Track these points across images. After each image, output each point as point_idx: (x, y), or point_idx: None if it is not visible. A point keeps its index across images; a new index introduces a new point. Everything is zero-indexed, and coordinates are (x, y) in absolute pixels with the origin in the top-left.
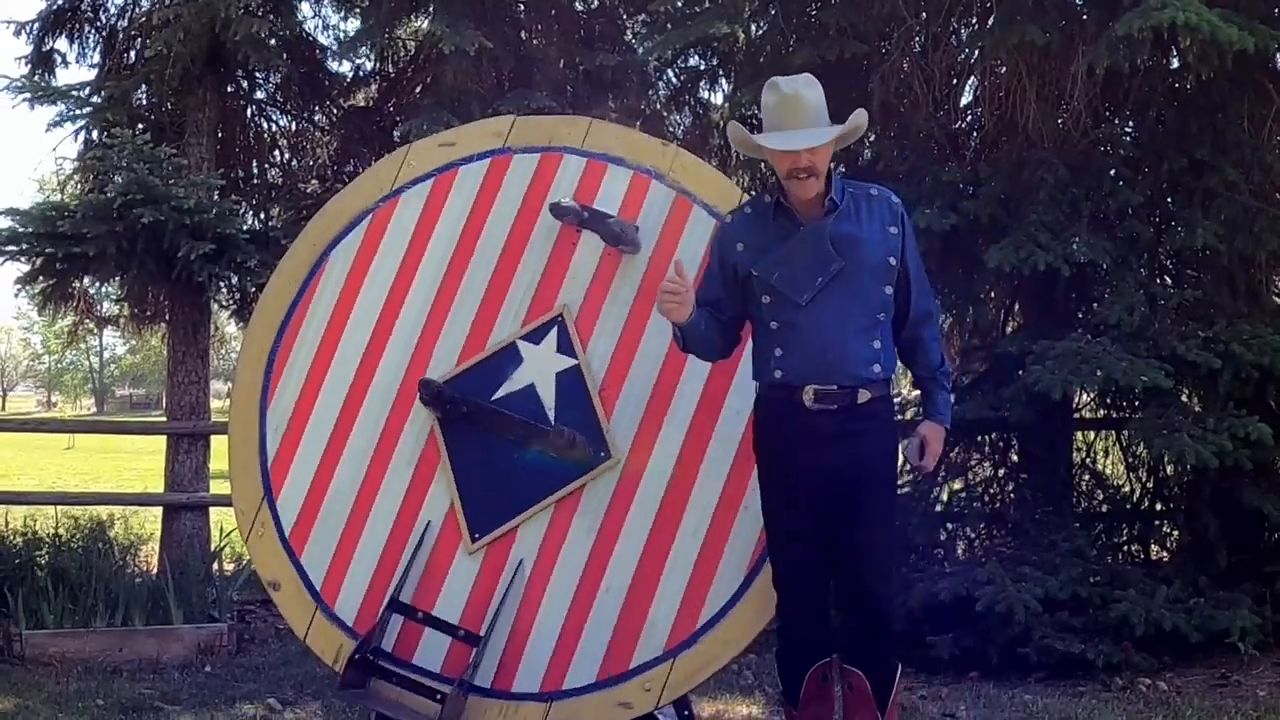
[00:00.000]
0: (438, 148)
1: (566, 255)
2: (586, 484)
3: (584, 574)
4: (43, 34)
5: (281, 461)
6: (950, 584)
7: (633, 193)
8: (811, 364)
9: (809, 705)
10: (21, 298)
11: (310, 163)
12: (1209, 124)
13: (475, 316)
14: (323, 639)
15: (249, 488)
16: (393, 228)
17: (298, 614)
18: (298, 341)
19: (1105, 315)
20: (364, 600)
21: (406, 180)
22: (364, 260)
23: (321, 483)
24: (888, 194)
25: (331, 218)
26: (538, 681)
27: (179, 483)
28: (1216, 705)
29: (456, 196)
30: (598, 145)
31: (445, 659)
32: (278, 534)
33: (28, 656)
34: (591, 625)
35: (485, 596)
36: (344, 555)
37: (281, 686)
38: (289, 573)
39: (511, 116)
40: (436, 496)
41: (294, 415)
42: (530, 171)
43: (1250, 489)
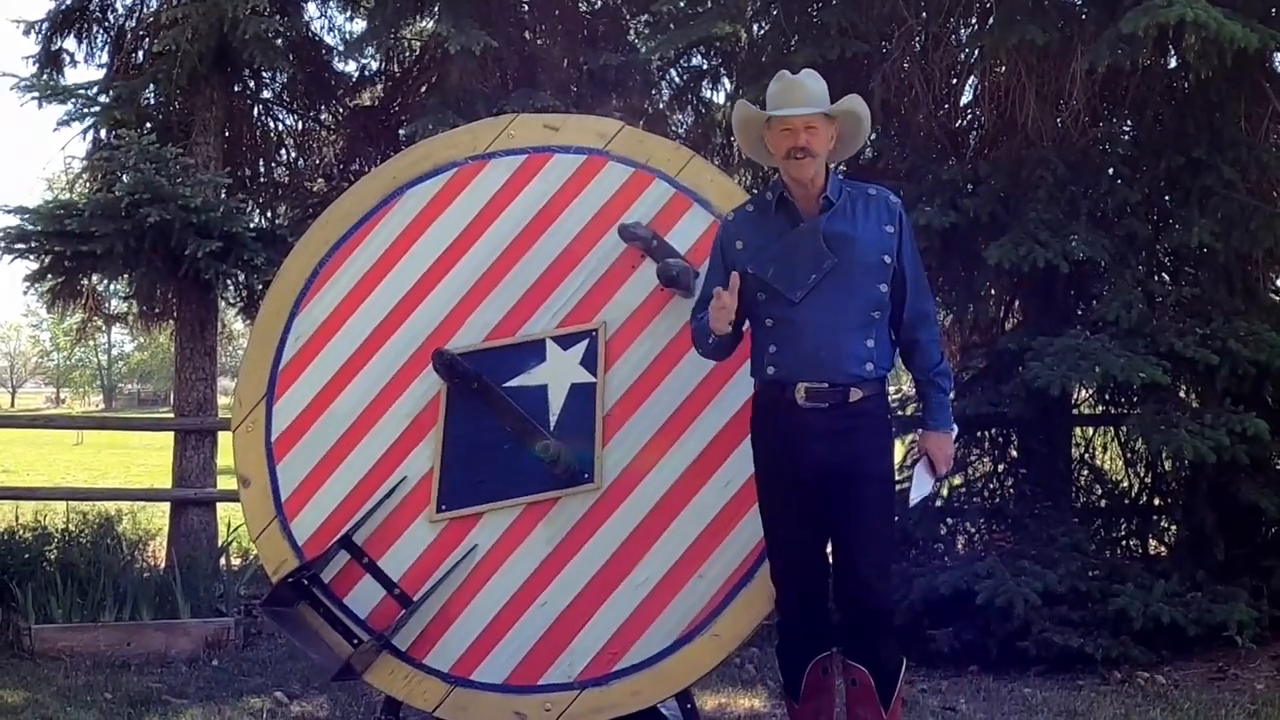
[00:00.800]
0: (542, 127)
1: (623, 275)
2: (562, 498)
3: (528, 580)
4: (51, 34)
5: (292, 369)
6: (950, 578)
7: (706, 238)
8: (804, 361)
9: (810, 698)
10: (30, 295)
11: (316, 162)
12: (1206, 123)
13: (516, 302)
14: (271, 549)
15: (254, 383)
16: (474, 187)
17: (257, 517)
18: (347, 263)
19: (1104, 312)
20: (320, 527)
21: (502, 148)
22: (436, 208)
23: (321, 403)
24: (886, 194)
25: (418, 158)
26: (449, 662)
27: (186, 478)
28: (1214, 698)
29: (542, 180)
30: (691, 180)
31: (373, 611)
32: (265, 434)
33: (37, 650)
34: (517, 630)
35: (430, 566)
36: (317, 478)
37: (288, 680)
38: (263, 475)
39: (620, 123)
40: (420, 456)
41: (319, 330)
42: (619, 182)
43: (1247, 484)
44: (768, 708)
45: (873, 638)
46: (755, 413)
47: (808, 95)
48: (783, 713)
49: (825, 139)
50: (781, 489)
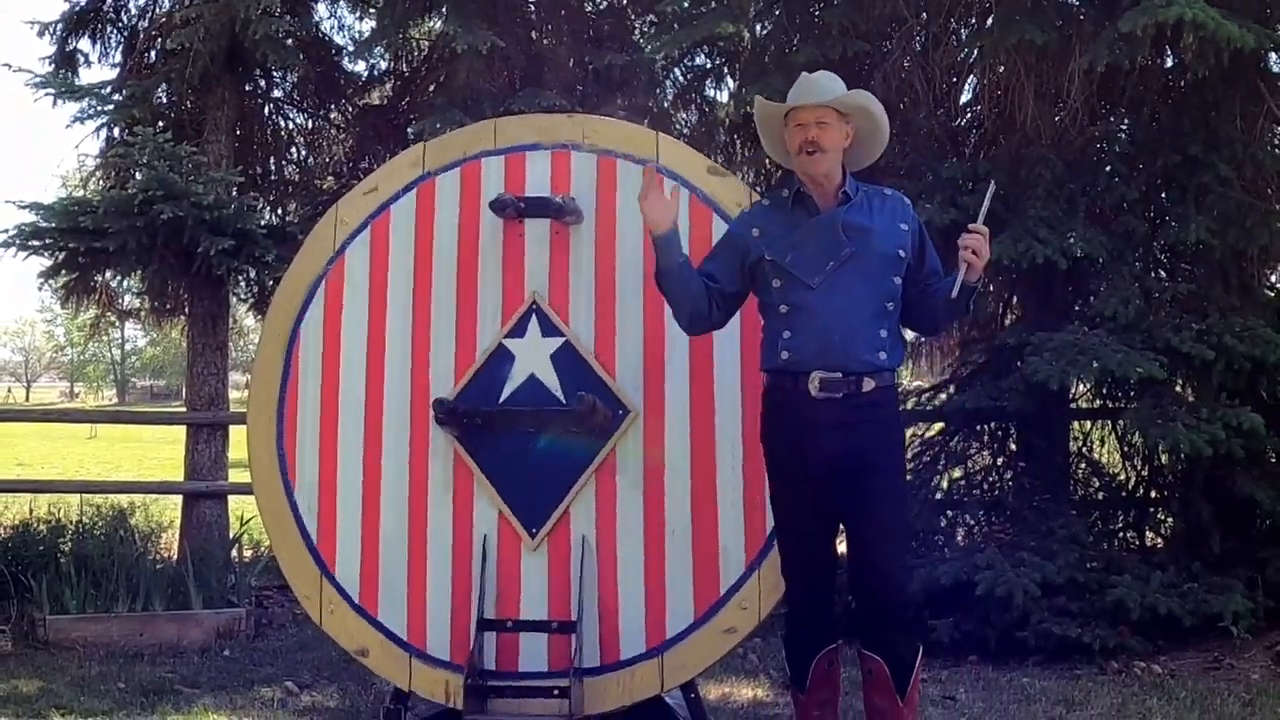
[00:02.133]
0: (363, 197)
1: (518, 247)
2: (615, 445)
3: (646, 526)
4: (66, 34)
5: (325, 536)
6: (950, 569)
7: (557, 169)
8: (819, 345)
9: (816, 690)
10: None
11: (326, 160)
12: (1202, 121)
13: (456, 333)
14: (427, 683)
15: (305, 571)
16: (348, 286)
17: (394, 670)
18: (299, 420)
19: (1101, 308)
20: (452, 632)
21: (345, 237)
22: (333, 324)
23: (370, 540)
24: (901, 196)
25: (292, 290)
26: (642, 642)
27: (198, 471)
28: (1209, 688)
29: (396, 234)
30: (509, 139)
31: (549, 655)
32: (349, 604)
33: (51, 641)
34: (671, 570)
35: (564, 583)
36: (417, 598)
37: (299, 670)
38: (373, 636)
39: (423, 144)
40: (483, 510)
41: (320, 489)
42: (456, 186)
43: (1243, 477)
44: (770, 697)
45: (888, 629)
46: (766, 407)
47: (820, 91)
48: (785, 702)
49: (838, 135)
50: (792, 482)
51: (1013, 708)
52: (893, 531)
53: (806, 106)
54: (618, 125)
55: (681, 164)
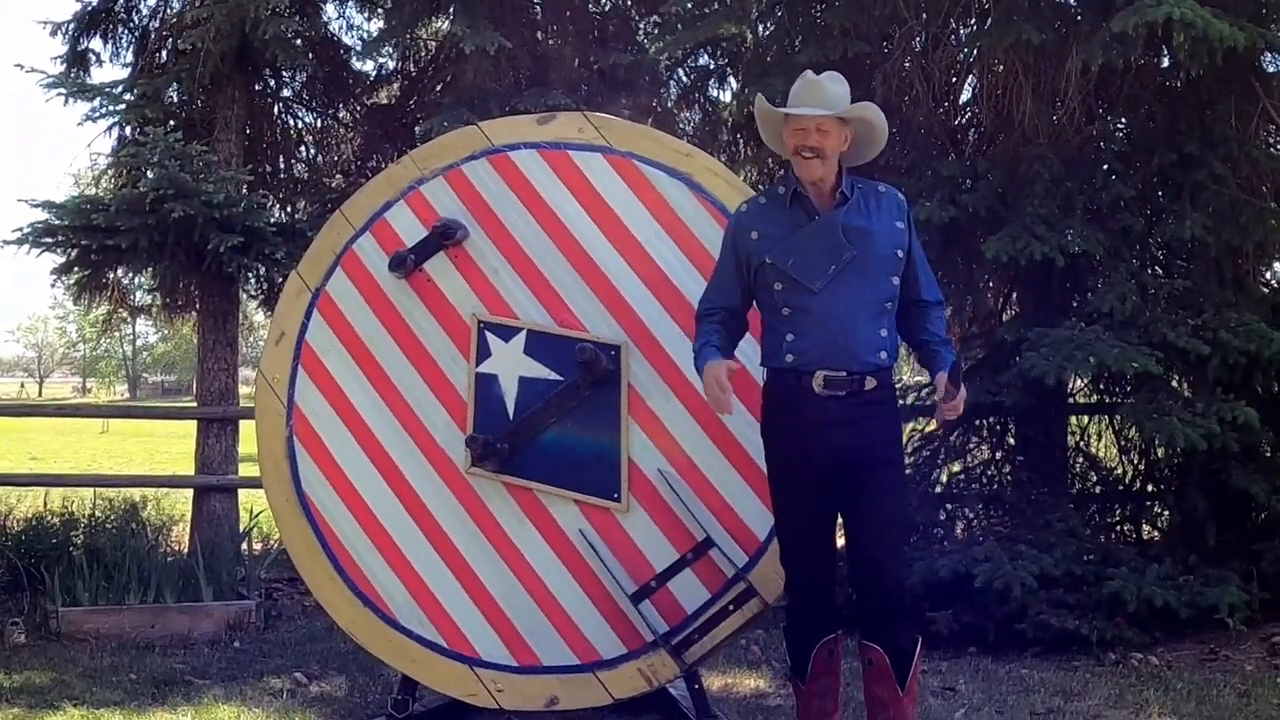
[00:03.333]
0: (275, 347)
1: (433, 290)
2: (630, 380)
3: (704, 427)
4: (78, 34)
5: (451, 635)
6: (949, 562)
7: (419, 209)
8: (823, 348)
9: (816, 679)
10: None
11: (335, 158)
12: (1198, 120)
13: (431, 389)
14: (625, 683)
15: (452, 674)
16: (313, 418)
17: (592, 696)
18: (349, 549)
19: (1098, 304)
20: (615, 630)
21: (285, 388)
22: (319, 451)
23: (490, 608)
24: (894, 191)
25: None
26: (768, 517)
27: (209, 465)
28: (1205, 679)
29: (329, 357)
30: (362, 214)
31: (705, 583)
32: (513, 673)
33: (64, 633)
34: (751, 446)
35: (672, 520)
36: (566, 626)
37: (308, 661)
38: (553, 683)
39: (295, 270)
40: (563, 511)
41: (416, 599)
42: (347, 282)
43: (1238, 471)
44: (772, 688)
45: (888, 620)
46: (767, 402)
47: (823, 96)
48: (787, 693)
49: (836, 141)
50: (794, 476)
51: (1011, 698)
52: (892, 525)
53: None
54: (441, 143)
55: (513, 134)
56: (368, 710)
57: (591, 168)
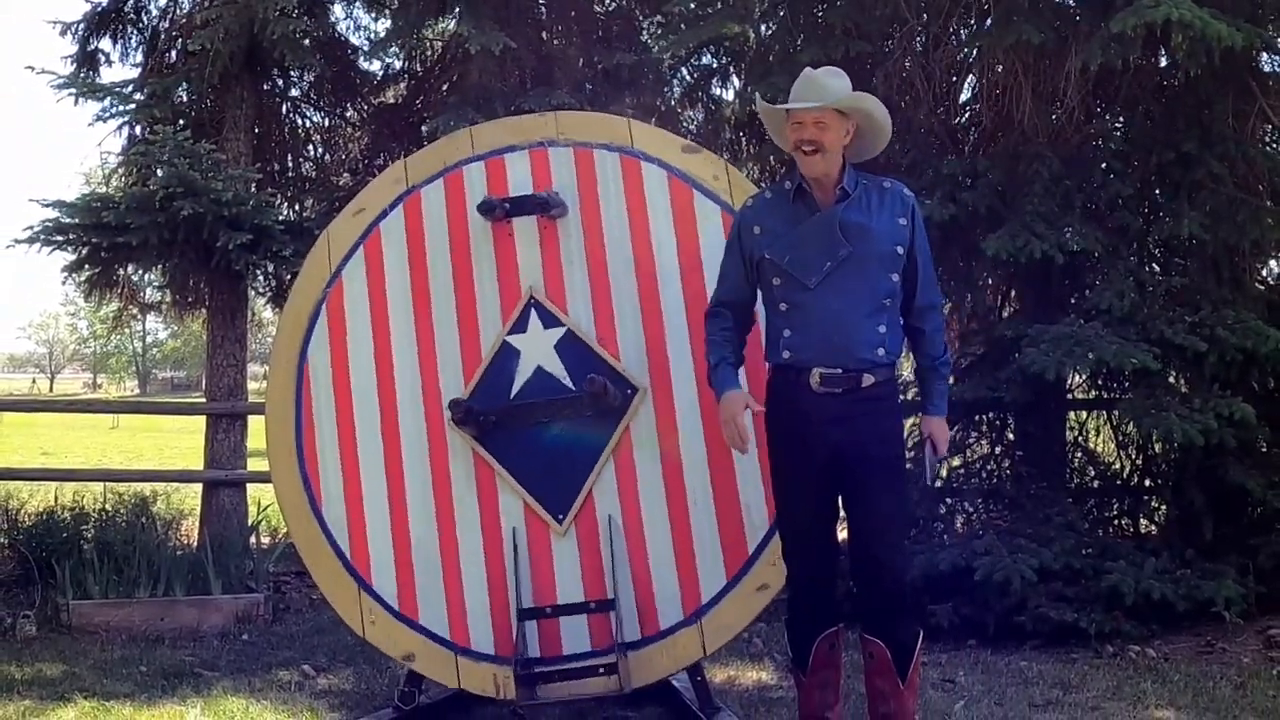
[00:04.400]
0: (352, 218)
1: (509, 246)
2: (629, 423)
3: (668, 498)
4: (87, 34)
5: (358, 552)
6: (949, 556)
7: (537, 166)
8: (818, 345)
9: (817, 671)
10: (69, 285)
11: (342, 157)
12: (1195, 120)
13: (460, 337)
14: (476, 678)
15: (343, 588)
16: (349, 306)
17: (442, 670)
18: (317, 440)
19: (1097, 301)
20: (494, 626)
21: (339, 259)
22: (339, 345)
23: (403, 549)
24: (900, 187)
25: (295, 320)
26: (680, 610)
27: (218, 460)
28: (1202, 671)
29: (389, 251)
30: (486, 144)
31: (592, 635)
32: (389, 613)
33: (74, 626)
34: (698, 537)
35: (596, 563)
36: (455, 598)
37: (315, 654)
38: (417, 640)
39: (402, 160)
40: (508, 504)
41: (348, 506)
42: (441, 197)
43: (1235, 466)
44: (774, 680)
45: (888, 614)
46: (769, 396)
47: (820, 90)
48: (789, 685)
49: (837, 135)
50: (793, 471)
51: (1011, 690)
52: (891, 521)
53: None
54: (590, 117)
55: (657, 147)
56: (374, 702)
57: (707, 217)
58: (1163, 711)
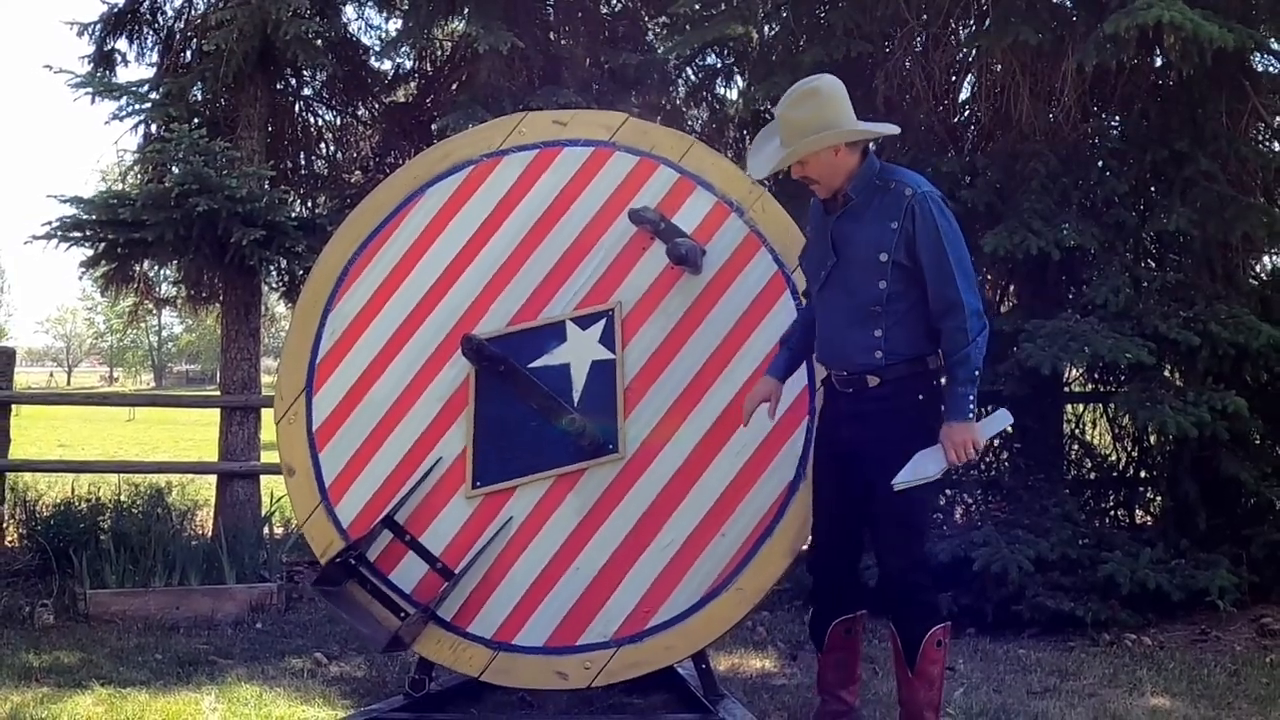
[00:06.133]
0: (550, 123)
1: (634, 257)
2: (589, 469)
3: (561, 547)
4: (104, 35)
5: (329, 362)
6: (949, 546)
7: (711, 219)
8: (826, 350)
9: (832, 652)
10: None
11: (354, 155)
12: (1189, 118)
13: (536, 287)
14: (318, 532)
15: (293, 377)
16: (490, 183)
17: (303, 503)
18: (375, 259)
19: (1093, 296)
20: (363, 509)
21: (514, 145)
22: (455, 204)
23: (358, 392)
24: (906, 186)
25: (437, 159)
26: (492, 629)
27: (232, 452)
28: (1196, 658)
29: (554, 173)
30: (693, 165)
31: (418, 584)
32: (306, 425)
33: (91, 614)
34: (554, 595)
35: (469, 539)
36: (358, 463)
37: (327, 642)
38: (305, 463)
39: (625, 115)
40: (454, 437)
41: (351, 324)
42: (626, 171)
43: (1228, 457)
44: (778, 668)
45: (895, 605)
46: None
47: (785, 132)
48: (792, 672)
49: (819, 164)
50: (816, 462)
51: (1009, 678)
52: (898, 519)
53: None
54: (785, 219)
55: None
56: (386, 690)
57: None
58: (1158, 698)
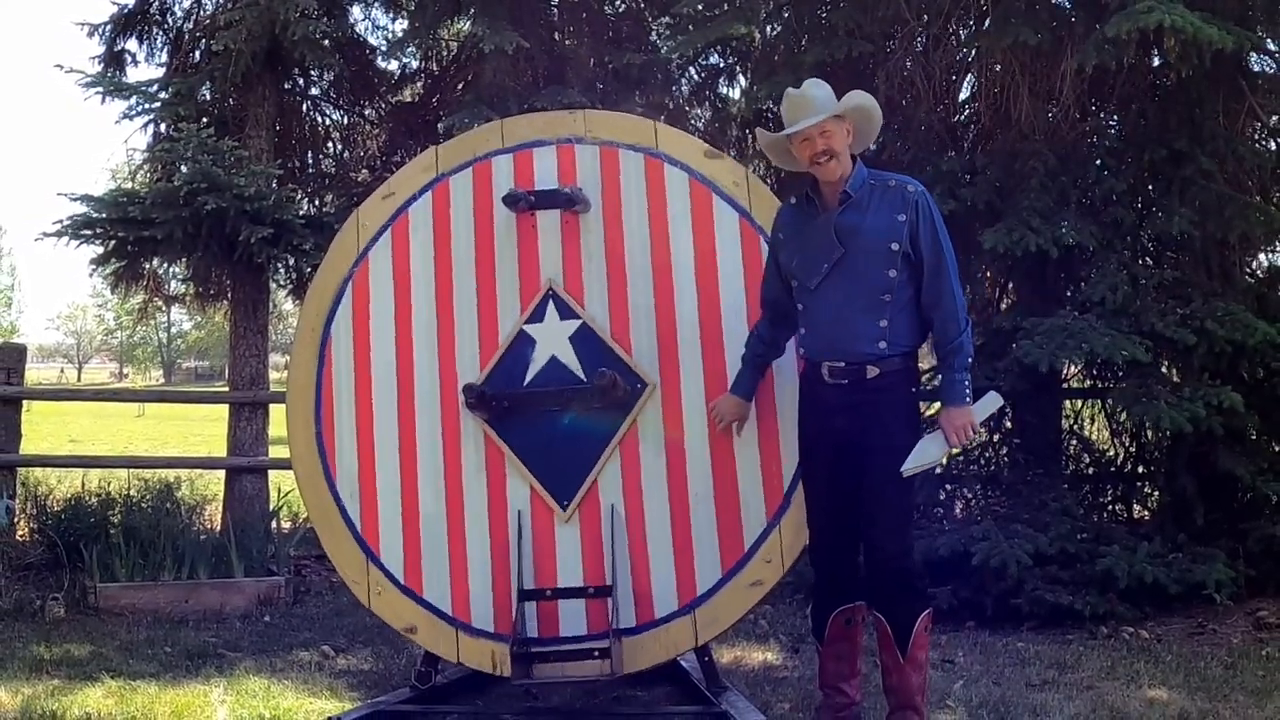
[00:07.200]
0: (381, 201)
1: (532, 238)
2: (636, 416)
3: (670, 492)
4: (114, 35)
5: (369, 523)
6: (949, 540)
7: (563, 162)
8: (822, 342)
9: (832, 643)
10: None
11: (361, 154)
12: (1187, 118)
13: (479, 323)
14: (475, 654)
15: (352, 558)
16: (373, 286)
17: (442, 645)
18: (335, 414)
19: (1091, 294)
20: (495, 604)
21: (367, 241)
22: (361, 323)
23: (411, 524)
24: (906, 183)
25: (320, 296)
26: (675, 600)
27: (240, 447)
28: (1193, 651)
29: (416, 235)
30: (516, 138)
31: (588, 619)
32: (395, 586)
33: (101, 607)
34: (697, 531)
35: (597, 550)
36: (459, 575)
37: (334, 635)
38: (419, 613)
39: (434, 148)
40: (515, 487)
41: (361, 478)
42: (469, 186)
43: (1225, 453)
44: (780, 660)
45: (888, 593)
46: (799, 388)
47: (812, 105)
48: (794, 665)
49: (841, 137)
50: (809, 456)
51: (1008, 670)
52: (891, 506)
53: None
54: (618, 118)
55: (680, 150)
56: (392, 682)
57: (723, 222)
58: (1155, 691)
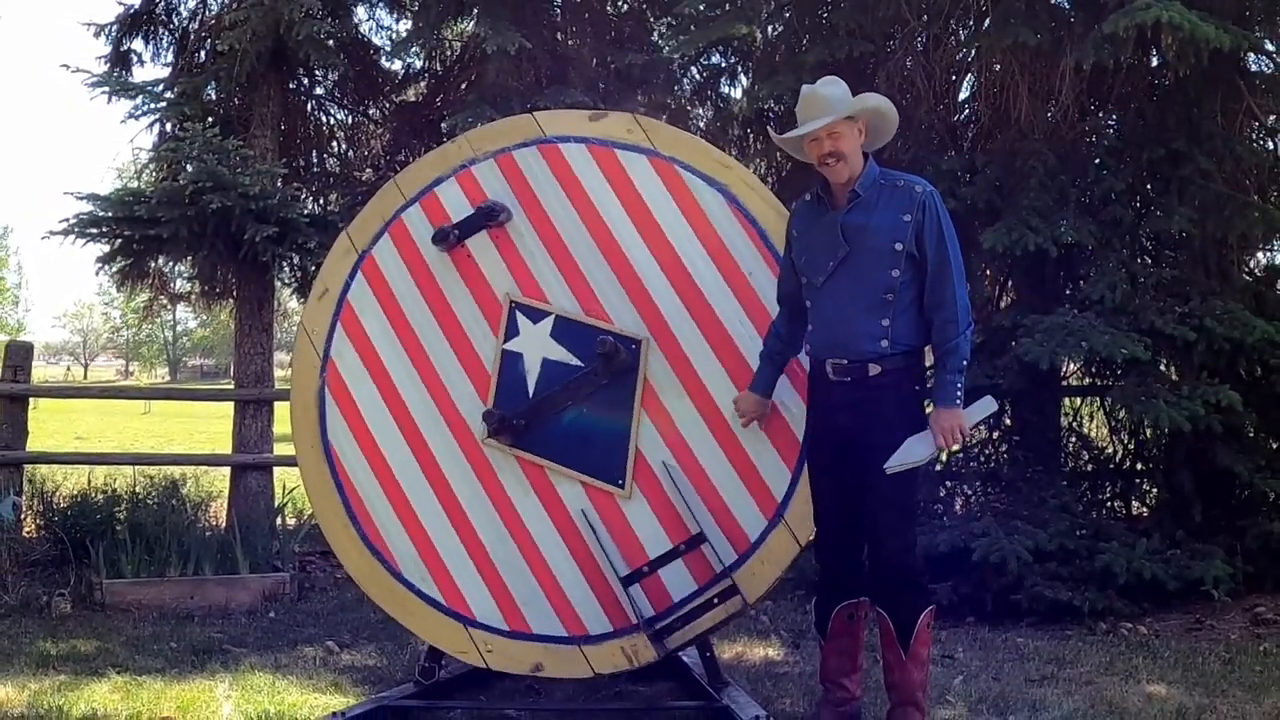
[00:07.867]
0: (318, 301)
1: (472, 266)
2: (644, 372)
3: (711, 428)
4: (120, 35)
5: (449, 593)
6: (949, 537)
7: (467, 187)
8: (826, 339)
9: (835, 638)
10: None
11: (365, 153)
12: (1185, 118)
13: (459, 361)
14: (606, 660)
15: (450, 632)
16: (350, 382)
17: (573, 668)
18: (370, 512)
19: (1090, 292)
20: (603, 606)
21: (323, 344)
22: (355, 420)
23: (490, 574)
24: (915, 183)
25: (306, 411)
26: (761, 520)
27: (245, 444)
28: (1191, 647)
29: (367, 319)
30: (414, 186)
31: (693, 574)
32: (502, 636)
33: (108, 604)
34: (750, 446)
35: (670, 510)
36: (558, 599)
37: (339, 630)
38: (538, 649)
39: (344, 230)
40: (568, 491)
41: (423, 557)
42: (393, 251)
43: (1223, 450)
44: (781, 656)
45: (890, 590)
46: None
47: (824, 104)
48: (795, 659)
49: (851, 139)
50: (814, 452)
51: (1008, 666)
52: (892, 504)
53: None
54: (498, 126)
55: (567, 127)
56: (396, 677)
57: (635, 168)
58: (1154, 686)
